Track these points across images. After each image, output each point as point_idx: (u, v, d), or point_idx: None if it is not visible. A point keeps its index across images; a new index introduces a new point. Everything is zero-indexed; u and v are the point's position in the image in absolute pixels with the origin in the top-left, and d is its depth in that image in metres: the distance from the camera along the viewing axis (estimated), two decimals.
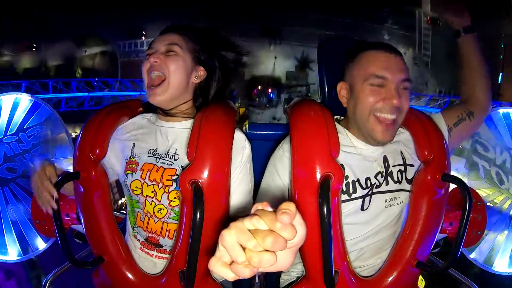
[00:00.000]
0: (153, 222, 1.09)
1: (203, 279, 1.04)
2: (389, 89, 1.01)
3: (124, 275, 1.07)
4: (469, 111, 1.19)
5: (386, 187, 1.07)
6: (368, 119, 1.03)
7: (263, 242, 0.46)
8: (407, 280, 1.06)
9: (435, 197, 1.05)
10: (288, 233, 0.47)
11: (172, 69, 1.08)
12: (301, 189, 0.98)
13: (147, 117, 1.19)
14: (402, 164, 1.10)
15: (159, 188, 1.07)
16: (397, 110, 1.01)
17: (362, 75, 1.04)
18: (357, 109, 1.06)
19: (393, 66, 1.02)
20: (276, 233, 0.47)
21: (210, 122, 1.04)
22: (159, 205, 1.08)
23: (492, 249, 1.48)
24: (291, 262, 0.53)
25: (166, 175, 1.08)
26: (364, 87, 1.03)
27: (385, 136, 1.03)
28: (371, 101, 1.02)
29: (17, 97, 1.62)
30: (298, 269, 1.15)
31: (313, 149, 0.99)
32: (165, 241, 1.10)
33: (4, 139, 1.60)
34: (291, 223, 0.47)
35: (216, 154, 1.00)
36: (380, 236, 1.08)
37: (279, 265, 0.51)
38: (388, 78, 1.01)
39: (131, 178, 1.11)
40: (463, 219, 0.97)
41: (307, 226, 0.97)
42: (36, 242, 1.54)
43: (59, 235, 1.03)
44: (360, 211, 1.06)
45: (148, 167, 1.09)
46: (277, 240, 0.46)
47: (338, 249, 0.99)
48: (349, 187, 1.05)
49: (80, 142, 1.12)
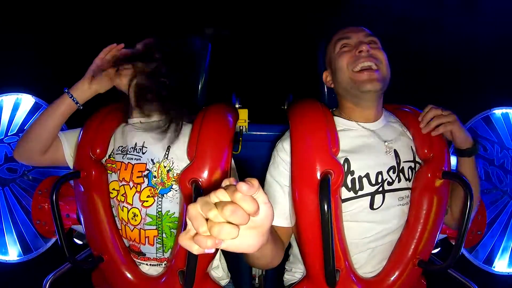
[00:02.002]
0: (129, 229, 1.05)
1: (203, 279, 1.04)
2: (355, 43, 1.07)
3: (124, 275, 1.07)
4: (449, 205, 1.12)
5: (399, 185, 1.03)
6: (350, 78, 1.06)
7: (222, 211, 0.46)
8: (409, 279, 1.04)
9: (436, 195, 1.04)
10: (248, 204, 0.47)
11: None
12: (301, 186, 0.98)
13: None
14: (412, 160, 1.07)
15: (130, 188, 1.03)
16: (372, 57, 1.04)
17: (332, 48, 1.12)
18: (338, 79, 1.09)
19: (354, 28, 1.11)
20: (236, 204, 0.47)
21: (210, 121, 1.04)
22: (132, 210, 1.03)
23: (492, 249, 1.48)
24: (258, 245, 0.53)
25: (136, 172, 1.03)
26: (336, 55, 1.10)
27: (372, 82, 1.02)
28: (345, 60, 1.07)
29: (18, 97, 1.63)
30: (301, 269, 1.13)
31: (313, 146, 0.98)
32: (147, 248, 1.06)
33: (5, 139, 1.61)
34: (251, 195, 0.48)
35: (216, 153, 1.00)
36: (388, 239, 1.04)
37: (243, 245, 0.51)
38: (351, 36, 1.09)
39: (109, 179, 1.07)
40: (465, 216, 0.95)
41: (308, 224, 0.98)
42: (36, 242, 1.55)
43: (59, 235, 1.02)
44: (370, 211, 1.01)
45: (119, 166, 1.06)
46: (236, 209, 0.46)
47: (339, 247, 0.98)
48: (355, 183, 1.01)
49: (80, 141, 1.12)
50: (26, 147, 1.11)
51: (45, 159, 1.13)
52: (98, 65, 1.11)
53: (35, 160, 1.13)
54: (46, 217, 1.28)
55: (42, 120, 1.10)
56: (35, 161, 1.14)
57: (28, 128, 1.12)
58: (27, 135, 1.11)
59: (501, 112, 1.56)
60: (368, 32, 1.10)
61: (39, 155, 1.12)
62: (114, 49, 1.12)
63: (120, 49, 1.12)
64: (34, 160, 1.13)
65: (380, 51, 1.07)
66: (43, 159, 1.13)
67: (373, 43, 1.08)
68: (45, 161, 1.14)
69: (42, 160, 1.14)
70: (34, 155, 1.12)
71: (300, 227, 0.99)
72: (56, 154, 1.14)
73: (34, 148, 1.11)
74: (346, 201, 1.01)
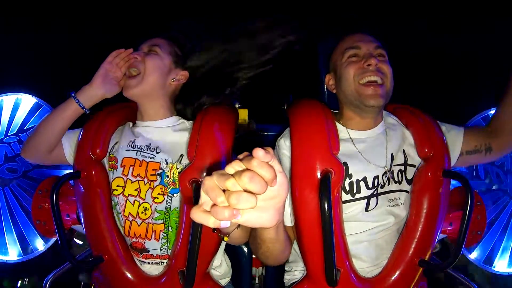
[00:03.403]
0: (136, 224, 1.06)
1: (203, 279, 1.04)
2: (364, 54, 1.08)
3: (124, 275, 1.07)
4: (489, 146, 1.10)
5: (389, 187, 1.07)
6: (355, 89, 1.06)
7: (240, 178, 0.45)
8: (409, 279, 1.05)
9: (436, 194, 1.04)
10: (265, 171, 0.46)
11: (148, 65, 1.10)
12: (301, 185, 0.98)
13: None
14: (403, 163, 1.09)
15: (144, 183, 1.06)
16: (378, 71, 1.05)
17: (339, 54, 1.12)
18: (343, 87, 1.10)
19: (363, 37, 1.11)
20: (253, 171, 0.46)
21: (210, 122, 1.04)
22: (143, 204, 1.05)
23: (492, 249, 1.48)
24: (275, 220, 0.53)
25: (151, 169, 1.06)
26: (343, 63, 1.10)
27: (376, 98, 1.03)
28: (352, 71, 1.07)
29: (18, 97, 1.63)
30: (301, 269, 1.13)
31: (313, 145, 0.99)
32: (152, 244, 1.07)
33: (5, 139, 1.61)
34: (267, 161, 0.47)
35: (216, 153, 1.00)
36: (380, 236, 1.07)
37: (261, 218, 0.50)
38: (361, 46, 1.09)
39: (112, 176, 1.09)
40: (465, 215, 0.96)
41: (308, 223, 0.98)
42: (36, 242, 1.55)
43: (59, 235, 1.03)
44: (364, 212, 1.04)
45: (130, 162, 1.08)
46: (254, 176, 0.45)
47: (340, 247, 0.98)
48: (352, 186, 1.04)
49: (80, 142, 1.13)
50: (33, 147, 1.15)
51: (51, 157, 1.16)
52: (108, 69, 1.11)
53: (42, 158, 1.17)
54: (46, 217, 1.27)
55: (48, 123, 1.12)
56: (42, 159, 1.18)
57: (35, 129, 1.15)
58: (34, 136, 1.15)
59: None
60: (377, 44, 1.10)
61: (45, 154, 1.15)
62: (123, 53, 1.12)
63: (128, 54, 1.13)
64: (41, 158, 1.18)
65: (387, 65, 1.07)
66: (49, 158, 1.16)
67: (381, 56, 1.08)
68: (51, 159, 1.18)
69: (48, 158, 1.17)
70: (41, 154, 1.15)
71: (300, 226, 0.99)
72: (60, 153, 1.17)
73: (40, 148, 1.14)
74: (344, 203, 1.03)
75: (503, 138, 1.10)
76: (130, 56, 1.12)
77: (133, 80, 1.10)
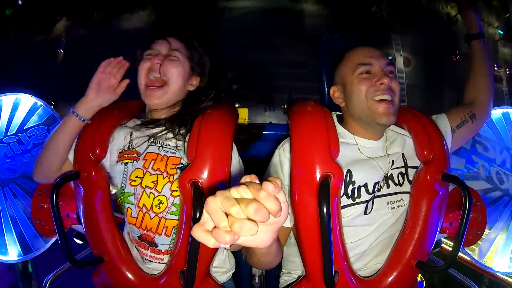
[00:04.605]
0: (149, 217, 1.07)
1: (203, 279, 1.04)
2: (377, 72, 1.07)
3: (124, 275, 1.07)
4: (472, 113, 1.22)
5: (387, 190, 1.08)
6: (367, 106, 1.07)
7: (246, 208, 0.46)
8: (407, 280, 1.06)
9: (435, 197, 1.05)
10: (271, 204, 0.48)
11: (173, 74, 1.11)
12: (301, 189, 0.98)
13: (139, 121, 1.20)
14: (403, 166, 1.11)
15: (163, 177, 1.07)
16: (390, 90, 1.05)
17: (350, 69, 1.11)
18: (353, 103, 1.10)
19: (375, 53, 1.11)
20: (260, 202, 0.47)
21: (209, 122, 1.04)
22: (158, 197, 1.06)
23: (492, 249, 1.48)
24: (270, 241, 0.54)
25: (171, 164, 1.08)
26: (354, 79, 1.09)
27: (388, 116, 1.05)
28: (364, 89, 1.07)
29: (17, 97, 1.62)
30: (298, 270, 1.15)
31: (313, 149, 0.99)
32: (162, 239, 1.08)
33: (4, 139, 1.60)
34: (275, 194, 0.48)
35: (216, 154, 0.99)
36: (381, 238, 1.08)
37: (257, 239, 0.51)
38: (373, 63, 1.08)
39: (132, 167, 1.10)
40: (463, 219, 0.97)
41: (307, 225, 0.98)
42: (36, 242, 1.54)
43: (59, 235, 1.03)
44: (362, 215, 1.06)
45: (152, 157, 1.09)
46: (260, 208, 0.46)
47: (338, 249, 0.99)
48: (354, 192, 1.06)
49: (80, 142, 1.12)
50: (44, 168, 1.16)
51: (62, 171, 1.16)
52: (100, 79, 1.11)
53: (53, 177, 1.16)
54: (46, 217, 1.27)
55: (53, 142, 1.12)
56: (53, 178, 1.16)
57: (41, 152, 1.15)
58: (42, 157, 1.15)
59: (501, 112, 1.55)
60: (388, 61, 1.10)
61: (55, 172, 1.15)
62: (113, 63, 1.13)
63: (119, 61, 1.13)
64: (52, 177, 1.16)
65: (396, 82, 1.09)
66: (60, 172, 1.16)
67: (391, 73, 1.09)
68: (62, 173, 1.17)
69: (60, 173, 1.16)
70: (52, 173, 1.15)
71: (299, 228, 0.99)
72: (69, 169, 1.16)
73: (51, 167, 1.15)
74: (345, 207, 1.05)
75: (480, 105, 1.24)
76: (123, 62, 1.13)
77: (159, 91, 1.11)
